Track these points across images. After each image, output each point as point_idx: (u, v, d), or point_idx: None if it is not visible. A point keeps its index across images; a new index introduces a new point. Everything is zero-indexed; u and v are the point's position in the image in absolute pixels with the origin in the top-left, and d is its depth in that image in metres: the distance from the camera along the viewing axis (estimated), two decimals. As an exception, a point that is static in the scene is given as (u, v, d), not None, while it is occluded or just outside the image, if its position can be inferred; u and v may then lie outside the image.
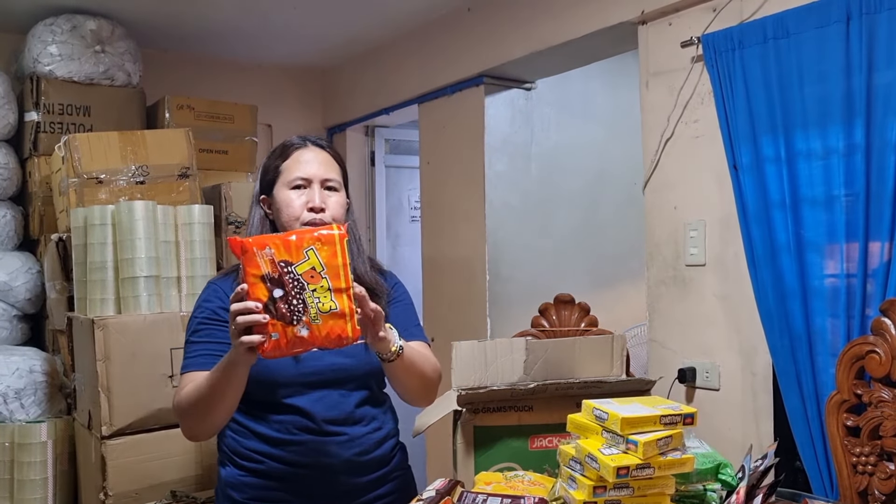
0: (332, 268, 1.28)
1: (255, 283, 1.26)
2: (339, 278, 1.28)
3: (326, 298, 1.27)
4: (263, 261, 1.26)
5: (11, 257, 2.93)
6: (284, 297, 1.25)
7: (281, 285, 1.25)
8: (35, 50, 2.93)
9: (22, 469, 2.48)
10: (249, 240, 1.28)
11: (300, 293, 1.26)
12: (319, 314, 1.26)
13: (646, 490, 1.26)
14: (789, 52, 1.97)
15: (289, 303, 1.25)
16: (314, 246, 1.27)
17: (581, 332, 2.42)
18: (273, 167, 1.60)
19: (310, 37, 3.54)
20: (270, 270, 1.25)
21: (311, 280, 1.26)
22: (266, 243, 1.27)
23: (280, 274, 1.25)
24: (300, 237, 1.28)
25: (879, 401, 1.65)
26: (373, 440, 1.60)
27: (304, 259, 1.26)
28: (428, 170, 3.46)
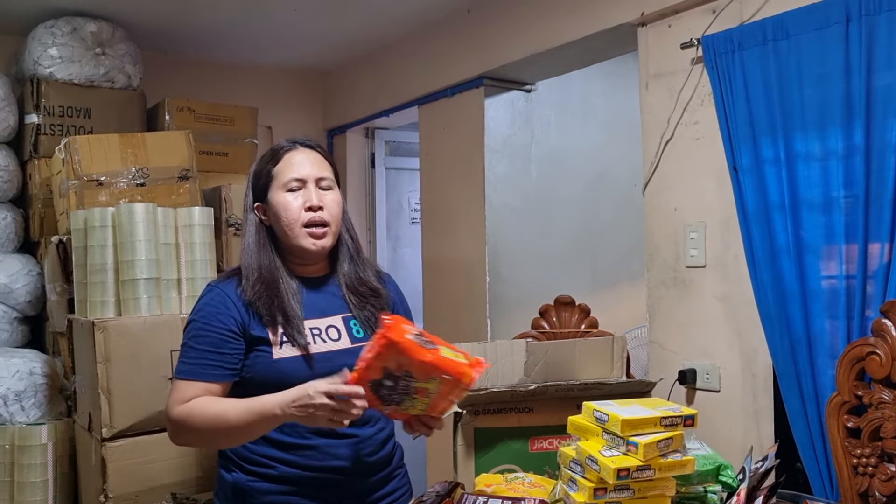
0: (440, 400, 1.37)
1: (376, 367, 1.32)
2: (436, 408, 1.39)
3: (417, 408, 1.38)
4: (393, 360, 1.31)
5: (12, 259, 2.93)
6: (391, 388, 1.34)
7: (394, 382, 1.33)
8: (35, 52, 2.93)
9: (22, 471, 2.48)
10: (392, 345, 1.30)
11: (405, 395, 1.35)
12: (405, 411, 1.39)
13: (646, 492, 1.26)
14: (789, 54, 1.97)
15: (391, 393, 1.34)
16: (439, 379, 1.32)
17: (581, 333, 2.42)
18: (265, 172, 1.60)
19: (310, 39, 3.54)
20: (395, 370, 1.32)
21: (417, 393, 1.35)
22: (405, 351, 1.29)
23: (400, 377, 1.32)
24: (438, 364, 1.31)
25: (880, 402, 1.65)
26: (379, 440, 1.61)
27: (426, 381, 1.33)
28: (428, 171, 3.46)
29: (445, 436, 1.79)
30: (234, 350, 1.50)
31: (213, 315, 1.51)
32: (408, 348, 1.30)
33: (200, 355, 1.49)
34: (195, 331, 1.52)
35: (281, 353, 1.51)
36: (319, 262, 1.63)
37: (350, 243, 1.66)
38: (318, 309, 1.59)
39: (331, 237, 1.59)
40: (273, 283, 1.54)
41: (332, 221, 1.58)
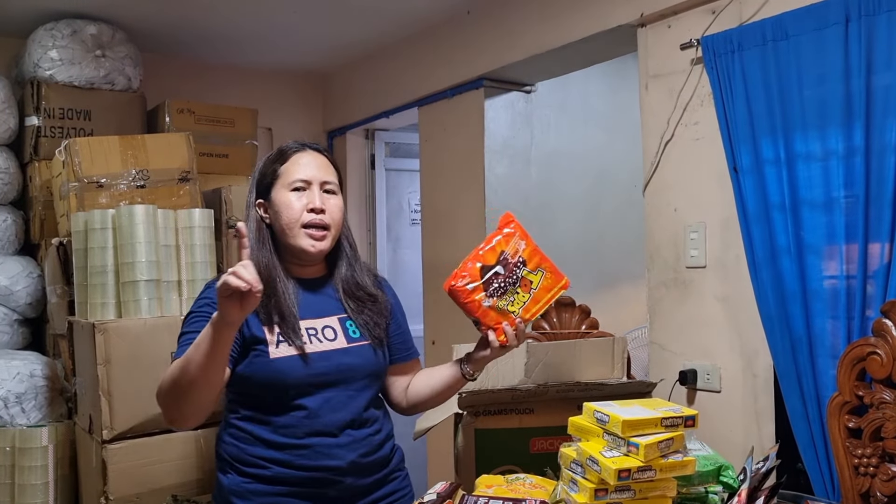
0: (539, 295, 1.56)
1: (493, 251, 1.53)
2: (535, 305, 1.55)
3: (515, 305, 1.53)
4: (513, 245, 1.54)
5: (12, 262, 2.93)
6: (499, 276, 1.52)
7: (505, 269, 1.52)
8: (35, 55, 2.93)
9: (23, 473, 2.48)
10: (519, 225, 1.57)
11: (510, 285, 1.53)
12: (503, 306, 1.52)
13: (647, 493, 1.25)
14: (788, 55, 1.97)
15: (498, 281, 1.52)
16: (546, 272, 1.56)
17: (582, 334, 2.42)
18: (271, 171, 1.61)
19: (310, 41, 3.55)
20: (511, 254, 1.53)
21: (522, 286, 1.54)
22: (525, 238, 1.56)
23: (513, 263, 1.53)
24: (544, 258, 1.58)
25: (881, 402, 1.65)
26: (375, 442, 1.60)
27: (533, 272, 1.55)
28: (428, 173, 3.46)
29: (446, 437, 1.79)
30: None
31: (210, 305, 1.50)
32: (528, 235, 1.56)
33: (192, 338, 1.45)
34: (193, 318, 1.52)
35: (277, 353, 1.51)
36: (317, 263, 1.64)
37: (348, 249, 1.67)
38: (314, 309, 1.59)
39: (329, 240, 1.59)
40: (271, 281, 1.54)
41: (332, 225, 1.58)
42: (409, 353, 1.73)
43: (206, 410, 1.45)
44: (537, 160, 3.30)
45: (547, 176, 3.32)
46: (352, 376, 1.57)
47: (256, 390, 1.54)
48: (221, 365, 1.40)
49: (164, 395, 1.44)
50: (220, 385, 1.44)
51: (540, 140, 3.31)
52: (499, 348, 1.55)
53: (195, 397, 1.40)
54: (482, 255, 1.53)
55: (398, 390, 1.71)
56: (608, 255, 3.45)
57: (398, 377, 1.71)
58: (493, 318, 1.52)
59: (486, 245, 1.54)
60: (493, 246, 1.54)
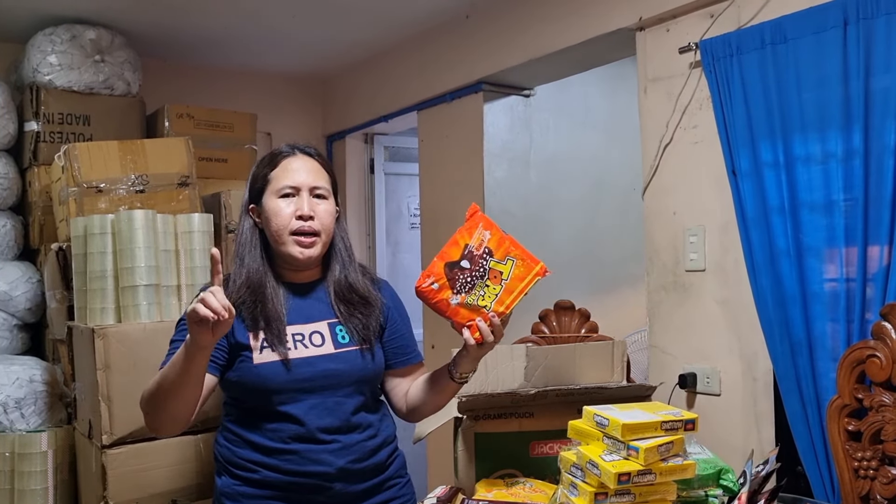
0: (512, 285, 1.47)
1: (457, 244, 1.48)
2: (508, 296, 1.47)
3: (486, 298, 1.47)
4: (476, 237, 1.48)
5: (11, 267, 2.93)
6: (465, 271, 1.46)
7: (471, 262, 1.46)
8: (35, 60, 2.93)
9: (22, 479, 2.47)
10: (483, 216, 1.50)
11: (478, 279, 1.46)
12: (473, 301, 1.46)
13: (647, 496, 1.25)
14: (787, 58, 1.97)
15: (464, 276, 1.46)
16: (516, 260, 1.48)
17: (581, 338, 2.42)
18: (261, 176, 1.60)
19: (308, 45, 3.55)
20: (475, 247, 1.47)
21: (492, 278, 1.47)
22: (490, 227, 1.49)
23: (479, 255, 1.46)
24: (515, 245, 1.50)
25: (880, 405, 1.65)
26: (367, 448, 1.59)
27: (501, 261, 1.48)
28: (427, 177, 3.46)
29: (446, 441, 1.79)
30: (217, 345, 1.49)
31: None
32: (493, 224, 1.49)
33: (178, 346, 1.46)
34: (181, 326, 1.53)
35: (261, 359, 1.52)
36: (311, 268, 1.63)
37: (343, 252, 1.66)
38: (303, 315, 1.58)
39: (319, 247, 1.58)
40: (259, 287, 1.54)
41: (322, 231, 1.57)
42: (409, 358, 1.72)
43: (182, 422, 1.48)
44: (536, 164, 3.30)
45: (546, 179, 3.32)
46: (338, 382, 1.56)
47: (243, 395, 1.55)
48: (196, 382, 1.42)
49: (143, 405, 1.47)
50: (195, 400, 1.46)
51: (539, 144, 3.31)
52: (475, 346, 1.47)
53: (170, 410, 1.44)
54: (445, 251, 1.48)
55: (398, 396, 1.70)
56: (607, 258, 3.45)
57: (399, 382, 1.70)
58: (465, 315, 1.47)
59: (451, 239, 1.49)
60: (456, 240, 1.48)
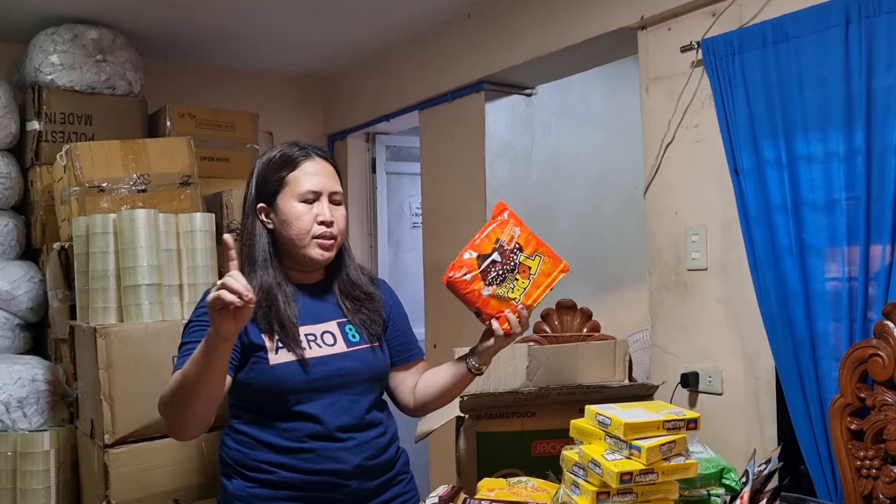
0: (539, 280, 1.55)
1: (489, 239, 1.54)
2: (535, 290, 1.55)
3: (516, 291, 1.53)
4: (507, 232, 1.54)
5: (13, 266, 2.93)
6: (496, 264, 1.52)
7: (502, 255, 1.52)
8: (36, 59, 2.94)
9: (25, 478, 2.48)
10: (512, 212, 1.57)
11: (508, 272, 1.53)
12: (503, 293, 1.52)
13: (649, 495, 1.25)
14: (789, 56, 1.97)
15: (496, 269, 1.52)
16: (543, 257, 1.56)
17: (583, 337, 2.42)
18: (277, 177, 1.57)
19: (310, 44, 3.55)
20: (506, 242, 1.54)
21: (521, 272, 1.54)
22: (519, 224, 1.57)
23: (510, 250, 1.53)
24: (541, 243, 1.58)
25: (883, 404, 1.64)
26: (380, 444, 1.61)
27: (530, 257, 1.55)
28: (429, 176, 3.46)
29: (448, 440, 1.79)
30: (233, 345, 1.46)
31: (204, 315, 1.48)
32: (522, 221, 1.56)
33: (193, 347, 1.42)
34: (193, 328, 1.51)
35: (277, 359, 1.51)
36: (318, 269, 1.64)
37: (346, 253, 1.67)
38: (313, 315, 1.59)
39: (335, 249, 1.60)
40: (271, 289, 1.54)
41: (339, 235, 1.59)
42: (412, 354, 1.73)
43: (206, 422, 1.45)
44: (538, 163, 3.30)
45: (548, 178, 3.32)
46: (352, 380, 1.57)
47: (257, 397, 1.54)
48: (220, 378, 1.40)
49: (164, 408, 1.44)
50: (219, 397, 1.44)
51: (541, 143, 3.31)
52: (503, 337, 1.55)
53: (195, 410, 1.40)
54: (477, 244, 1.53)
55: (405, 391, 1.71)
56: (609, 257, 3.45)
57: (404, 378, 1.71)
58: (495, 306, 1.53)
59: (480, 234, 1.55)
60: (488, 234, 1.54)
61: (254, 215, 1.60)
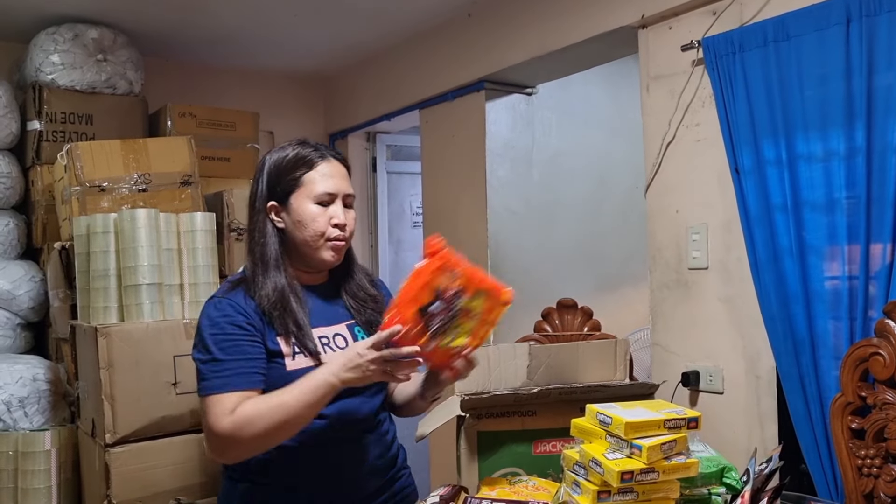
0: (482, 321, 1.40)
1: (427, 288, 1.36)
2: (481, 328, 1.41)
3: (461, 336, 1.39)
4: (446, 276, 1.37)
5: (14, 266, 2.93)
6: (440, 314, 1.37)
7: (443, 303, 1.37)
8: (37, 59, 2.94)
9: (26, 478, 2.48)
10: (448, 253, 1.39)
11: (451, 320, 1.38)
12: (448, 343, 1.38)
13: (650, 494, 1.25)
14: (789, 55, 1.97)
15: (438, 319, 1.37)
16: (485, 293, 1.40)
17: (584, 336, 2.42)
18: (293, 177, 1.53)
19: (311, 44, 3.55)
20: (444, 287, 1.37)
21: (463, 317, 1.38)
22: (458, 265, 1.39)
23: (450, 296, 1.37)
24: (481, 278, 1.41)
25: (884, 403, 1.64)
26: (386, 442, 1.63)
27: (472, 298, 1.39)
28: (429, 175, 3.46)
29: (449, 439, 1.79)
30: (262, 355, 1.47)
31: (234, 324, 1.46)
32: (459, 260, 1.39)
33: (234, 365, 1.43)
34: (219, 343, 1.45)
35: (294, 365, 1.49)
36: (324, 270, 1.62)
37: (352, 253, 1.67)
38: (323, 317, 1.57)
39: (345, 251, 1.60)
40: (285, 293, 1.51)
41: (349, 237, 1.58)
42: None
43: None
44: (539, 162, 3.30)
45: (548, 178, 3.32)
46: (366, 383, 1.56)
47: None
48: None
49: (247, 440, 1.40)
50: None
51: (541, 142, 3.31)
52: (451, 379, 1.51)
53: (280, 440, 1.44)
54: (414, 296, 1.36)
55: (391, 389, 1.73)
56: (610, 256, 3.45)
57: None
58: (441, 356, 1.40)
59: (414, 283, 1.37)
60: (426, 283, 1.37)
61: (264, 213, 1.55)
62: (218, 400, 1.41)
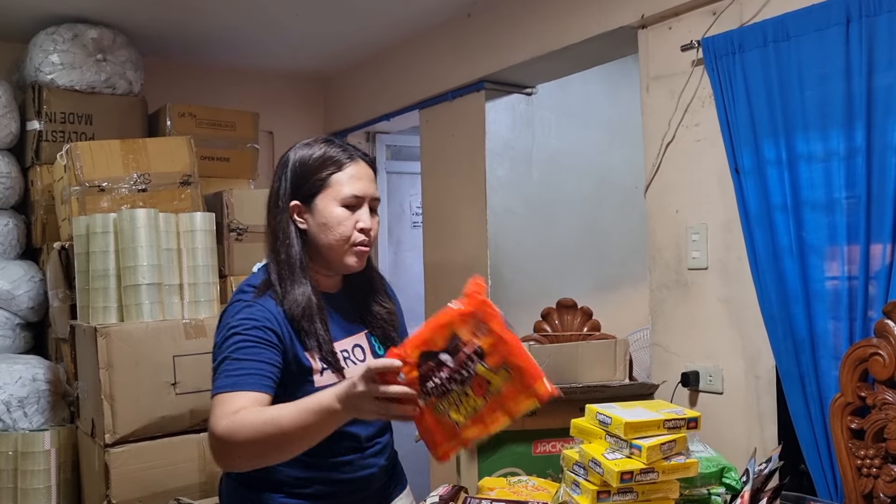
0: (497, 405, 1.12)
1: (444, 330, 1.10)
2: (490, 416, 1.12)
3: (461, 412, 1.12)
4: (471, 326, 1.09)
5: (14, 266, 2.93)
6: (445, 368, 1.10)
7: (454, 358, 1.09)
8: (37, 59, 2.94)
9: (25, 478, 2.48)
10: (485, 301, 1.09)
11: (457, 383, 1.10)
12: (444, 412, 1.12)
13: (650, 494, 1.25)
14: (789, 55, 1.97)
15: (440, 375, 1.10)
16: (513, 374, 1.10)
17: (584, 336, 2.42)
18: (318, 177, 1.47)
19: (311, 44, 3.55)
20: (466, 339, 1.09)
21: (474, 387, 1.10)
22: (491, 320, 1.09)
23: (466, 353, 1.09)
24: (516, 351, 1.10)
25: (883, 403, 1.64)
26: (391, 443, 1.64)
27: (494, 369, 1.10)
28: (429, 175, 3.46)
29: (448, 440, 1.79)
30: (280, 365, 1.40)
31: (259, 328, 1.39)
32: (496, 316, 1.09)
33: (249, 366, 1.35)
34: (237, 343, 1.37)
35: (322, 381, 1.43)
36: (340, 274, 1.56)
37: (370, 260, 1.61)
38: (343, 328, 1.53)
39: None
40: (311, 304, 1.45)
41: (372, 244, 1.52)
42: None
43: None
44: (538, 162, 3.30)
45: (548, 178, 3.32)
46: None
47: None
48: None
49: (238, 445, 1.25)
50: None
51: (541, 142, 3.31)
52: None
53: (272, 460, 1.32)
54: (427, 337, 1.10)
55: None
56: (610, 256, 3.45)
57: None
58: (430, 423, 1.13)
59: (434, 322, 1.11)
60: (445, 325, 1.10)
61: (287, 213, 1.48)
62: (224, 399, 1.31)
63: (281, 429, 1.22)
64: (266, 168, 3.64)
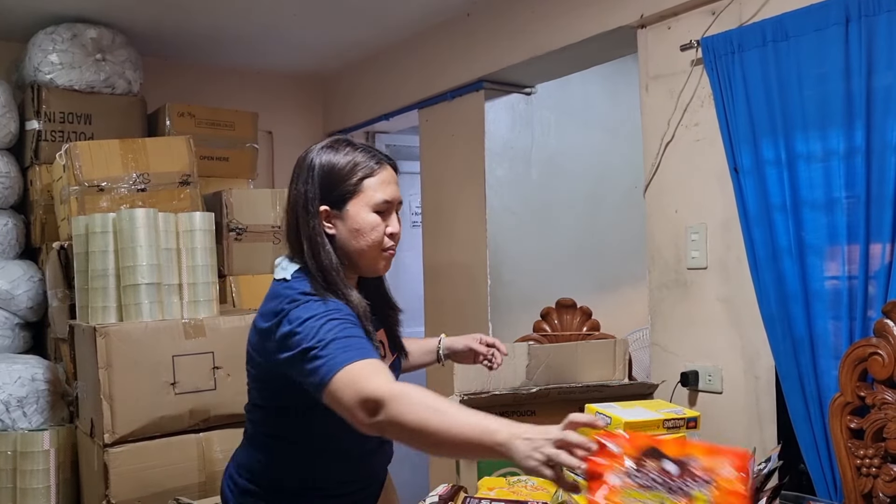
0: None
1: (685, 446, 1.06)
2: None
3: None
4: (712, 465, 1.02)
5: (13, 266, 2.93)
6: (664, 474, 1.03)
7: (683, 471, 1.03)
8: (36, 59, 2.93)
9: (25, 478, 2.48)
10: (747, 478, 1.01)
11: (666, 490, 1.03)
12: (632, 500, 1.04)
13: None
14: (788, 55, 1.97)
15: (653, 475, 1.03)
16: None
17: (583, 336, 2.42)
18: (353, 182, 1.44)
19: (310, 43, 3.55)
20: (700, 468, 1.02)
21: (680, 497, 1.02)
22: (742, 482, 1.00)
23: (696, 475, 1.02)
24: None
25: (883, 403, 1.64)
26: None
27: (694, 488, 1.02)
28: (428, 175, 3.46)
29: (448, 439, 1.79)
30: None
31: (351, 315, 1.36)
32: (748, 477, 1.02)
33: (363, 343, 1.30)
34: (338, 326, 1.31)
35: None
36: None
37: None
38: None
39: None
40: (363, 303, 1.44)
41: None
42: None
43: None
44: (538, 162, 3.30)
45: (548, 177, 3.32)
46: None
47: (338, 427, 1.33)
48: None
49: (397, 427, 1.18)
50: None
51: (540, 142, 3.31)
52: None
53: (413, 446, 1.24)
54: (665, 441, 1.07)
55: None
56: (609, 256, 3.45)
57: None
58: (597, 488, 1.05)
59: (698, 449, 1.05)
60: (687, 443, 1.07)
61: (318, 218, 1.45)
62: (361, 365, 1.24)
63: (442, 425, 1.14)
64: (265, 168, 3.65)
